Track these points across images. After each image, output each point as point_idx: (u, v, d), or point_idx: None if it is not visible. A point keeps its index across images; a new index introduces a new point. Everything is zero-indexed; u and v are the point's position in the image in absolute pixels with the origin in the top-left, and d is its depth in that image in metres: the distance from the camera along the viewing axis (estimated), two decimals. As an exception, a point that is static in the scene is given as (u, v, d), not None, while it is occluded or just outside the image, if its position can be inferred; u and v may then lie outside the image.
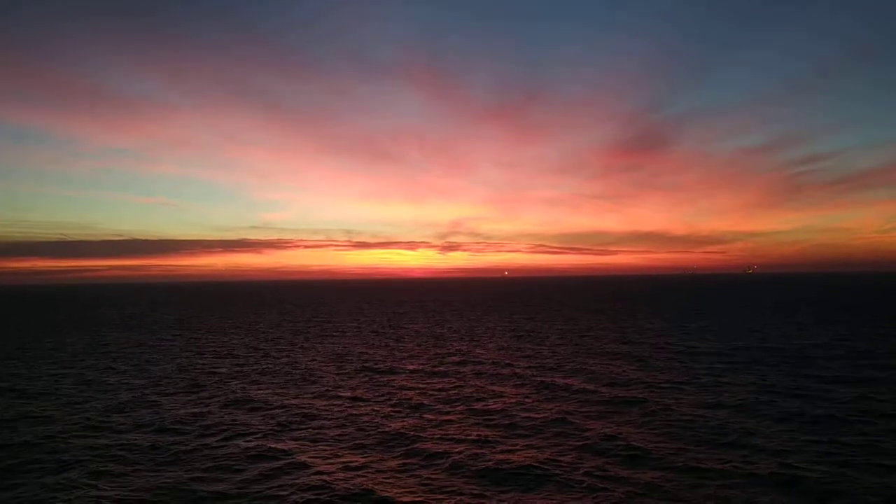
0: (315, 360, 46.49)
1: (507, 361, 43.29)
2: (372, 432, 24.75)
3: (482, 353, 48.21)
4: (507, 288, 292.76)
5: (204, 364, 45.31)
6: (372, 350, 52.08)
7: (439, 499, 17.41)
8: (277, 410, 29.01)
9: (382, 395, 32.11)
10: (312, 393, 33.15)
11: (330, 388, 34.29)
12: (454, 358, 45.99)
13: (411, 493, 17.94)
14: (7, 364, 46.56)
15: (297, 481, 19.04)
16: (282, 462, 21.00)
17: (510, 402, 29.64)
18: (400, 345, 55.69)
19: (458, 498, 17.40)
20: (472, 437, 23.55)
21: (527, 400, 30.20)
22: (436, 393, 32.54)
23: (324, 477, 19.31)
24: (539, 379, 35.83)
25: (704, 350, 47.64)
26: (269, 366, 43.63)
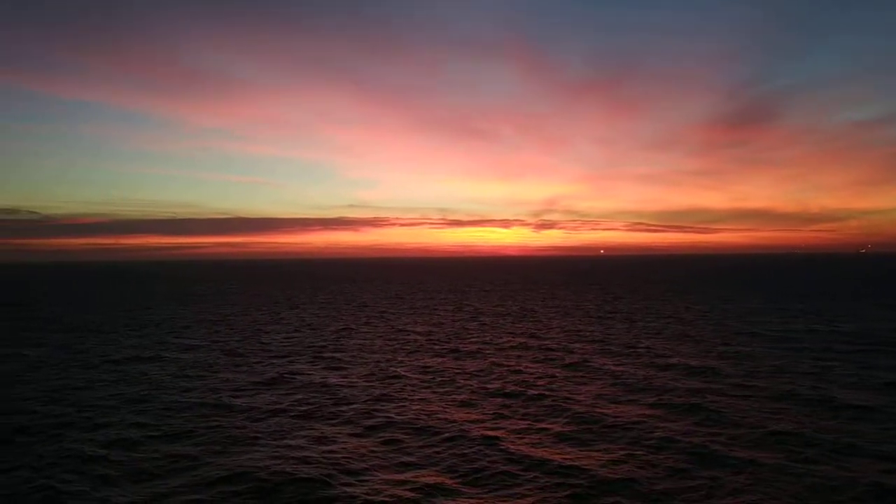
0: (419, 335, 47.46)
1: (602, 341, 42.88)
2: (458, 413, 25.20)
3: (574, 333, 47.89)
4: (604, 266, 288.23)
5: (311, 338, 47.07)
6: (466, 326, 52.72)
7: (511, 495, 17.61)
8: (375, 383, 29.87)
9: (475, 370, 32.52)
10: (407, 366, 33.97)
11: (424, 364, 35.02)
12: (542, 338, 45.89)
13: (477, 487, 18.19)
14: (155, 335, 49.90)
15: (381, 454, 19.73)
16: (378, 432, 21.79)
17: (601, 388, 29.45)
18: (490, 321, 56.05)
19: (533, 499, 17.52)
20: (555, 430, 23.53)
21: (619, 383, 29.91)
22: (540, 370, 32.63)
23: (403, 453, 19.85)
24: (627, 363, 35.35)
25: (808, 337, 45.56)
26: (374, 340, 44.86)
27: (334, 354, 38.51)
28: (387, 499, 16.13)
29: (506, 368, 33.39)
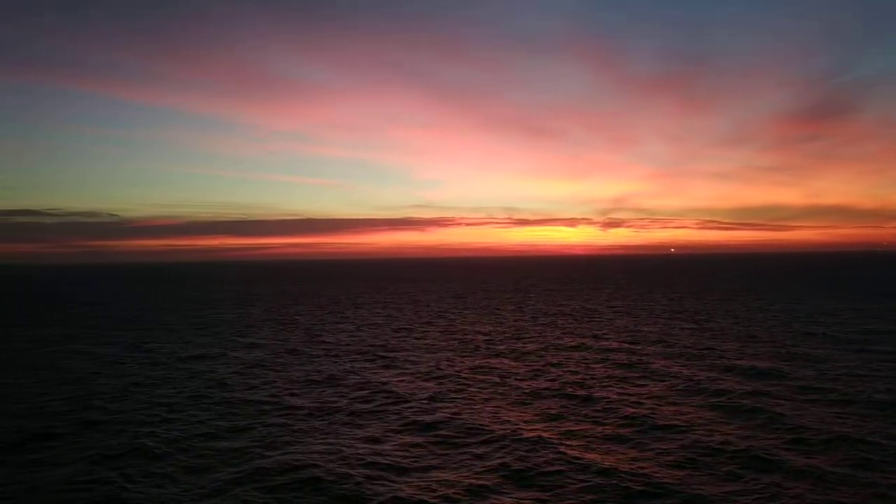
0: (478, 334, 47.47)
1: (665, 342, 41.96)
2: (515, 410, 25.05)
3: (637, 333, 47.01)
4: (673, 265, 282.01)
5: (372, 337, 47.64)
6: (526, 325, 52.39)
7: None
8: (431, 383, 29.98)
9: (532, 371, 32.27)
10: (464, 366, 33.98)
11: (481, 363, 34.95)
12: (603, 339, 45.21)
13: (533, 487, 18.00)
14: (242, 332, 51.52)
15: (431, 450, 19.77)
16: (431, 431, 21.86)
17: (662, 386, 28.82)
18: (555, 321, 55.54)
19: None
20: (610, 432, 23.14)
21: (683, 385, 29.21)
22: (596, 371, 32.20)
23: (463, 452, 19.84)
24: (689, 364, 34.48)
25: (886, 339, 43.52)
26: (432, 340, 45.09)
27: (392, 354, 38.86)
28: (437, 499, 16.18)
29: (563, 369, 33.03)
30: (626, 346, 40.63)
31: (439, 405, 25.62)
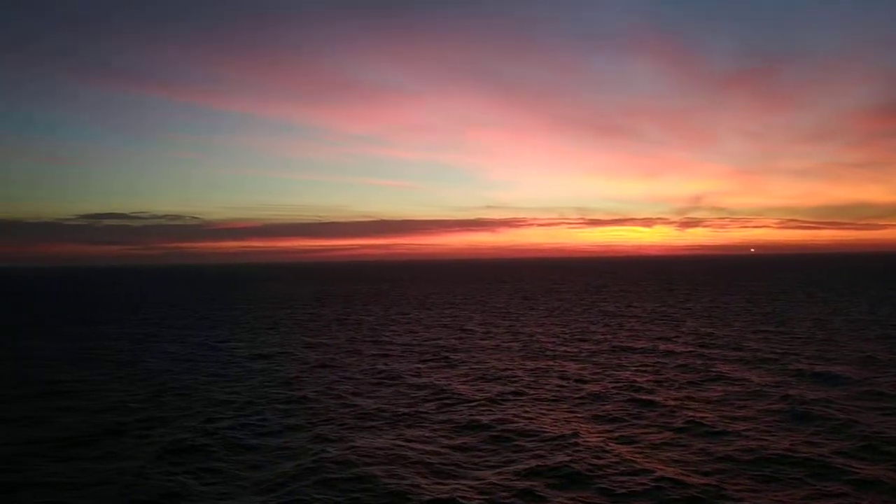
0: (543, 336, 47.15)
1: (738, 345, 40.65)
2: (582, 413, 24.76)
3: (709, 336, 45.71)
4: (754, 265, 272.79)
5: (437, 338, 47.96)
6: (594, 327, 51.67)
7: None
8: (490, 384, 29.91)
9: (595, 373, 31.79)
10: (528, 367, 33.75)
11: (545, 365, 34.69)
12: (671, 341, 44.15)
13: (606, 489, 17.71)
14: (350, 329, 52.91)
15: (494, 453, 19.73)
16: (489, 431, 21.81)
17: (733, 392, 27.97)
18: (620, 323, 54.57)
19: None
20: (666, 437, 22.56)
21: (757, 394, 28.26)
22: (660, 375, 31.51)
23: (526, 457, 19.74)
24: (757, 369, 33.30)
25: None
26: (496, 341, 45.03)
27: (457, 354, 38.97)
28: (491, 501, 16.18)
29: (626, 371, 32.44)
30: (697, 349, 39.55)
31: (499, 406, 25.59)
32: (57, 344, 47.07)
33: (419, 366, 35.28)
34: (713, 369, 32.41)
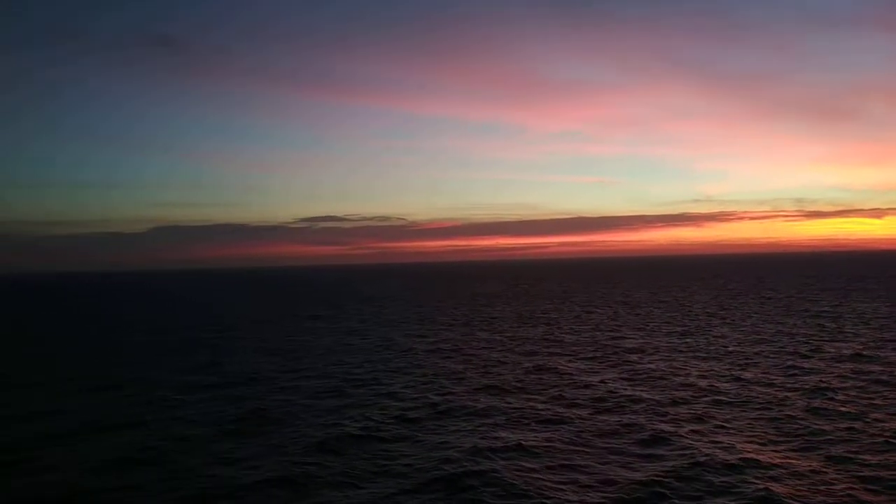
0: (733, 338, 43.60)
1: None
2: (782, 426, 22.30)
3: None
4: None
5: (614, 336, 46.22)
6: (808, 331, 46.50)
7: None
8: (677, 390, 27.87)
9: (795, 385, 28.20)
10: (715, 372, 31.24)
11: (737, 368, 31.98)
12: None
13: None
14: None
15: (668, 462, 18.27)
16: (664, 443, 20.30)
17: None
18: (836, 327, 48.78)
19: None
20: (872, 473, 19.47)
21: None
22: (859, 394, 27.34)
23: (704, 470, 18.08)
24: None
25: None
26: (682, 341, 42.42)
27: (637, 356, 37.19)
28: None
29: (845, 382, 28.32)
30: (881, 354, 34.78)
31: (666, 415, 23.68)
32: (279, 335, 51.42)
33: (607, 371, 33.37)
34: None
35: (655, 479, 16.92)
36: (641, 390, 27.80)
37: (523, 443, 20.30)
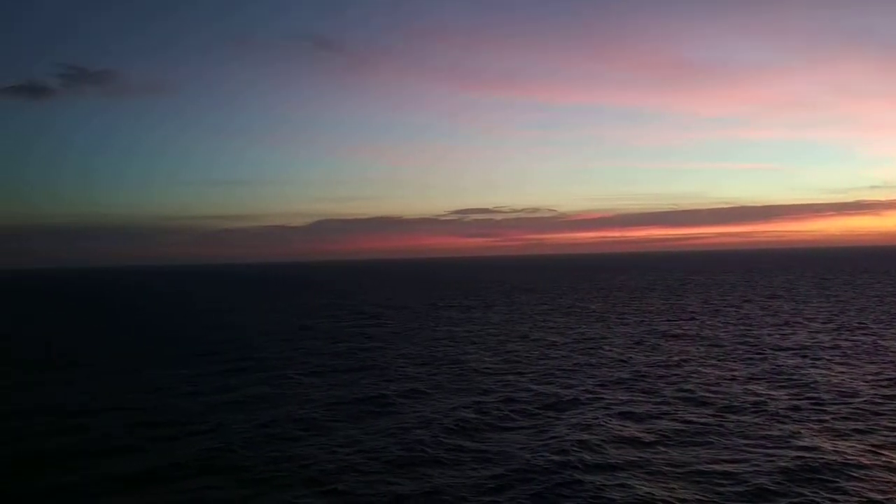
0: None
1: None
2: None
3: None
4: None
5: (761, 334, 45.35)
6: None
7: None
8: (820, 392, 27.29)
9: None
10: (855, 375, 29.92)
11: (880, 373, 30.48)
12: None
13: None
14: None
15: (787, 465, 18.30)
16: (787, 444, 19.90)
17: None
18: None
19: None
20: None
21: None
22: None
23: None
24: None
25: None
26: (830, 341, 41.01)
27: (779, 355, 35.99)
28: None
29: None
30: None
31: (797, 418, 23.01)
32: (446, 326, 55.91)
33: (779, 363, 33.37)
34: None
35: (773, 479, 17.18)
36: (779, 390, 27.30)
37: (638, 436, 21.22)
